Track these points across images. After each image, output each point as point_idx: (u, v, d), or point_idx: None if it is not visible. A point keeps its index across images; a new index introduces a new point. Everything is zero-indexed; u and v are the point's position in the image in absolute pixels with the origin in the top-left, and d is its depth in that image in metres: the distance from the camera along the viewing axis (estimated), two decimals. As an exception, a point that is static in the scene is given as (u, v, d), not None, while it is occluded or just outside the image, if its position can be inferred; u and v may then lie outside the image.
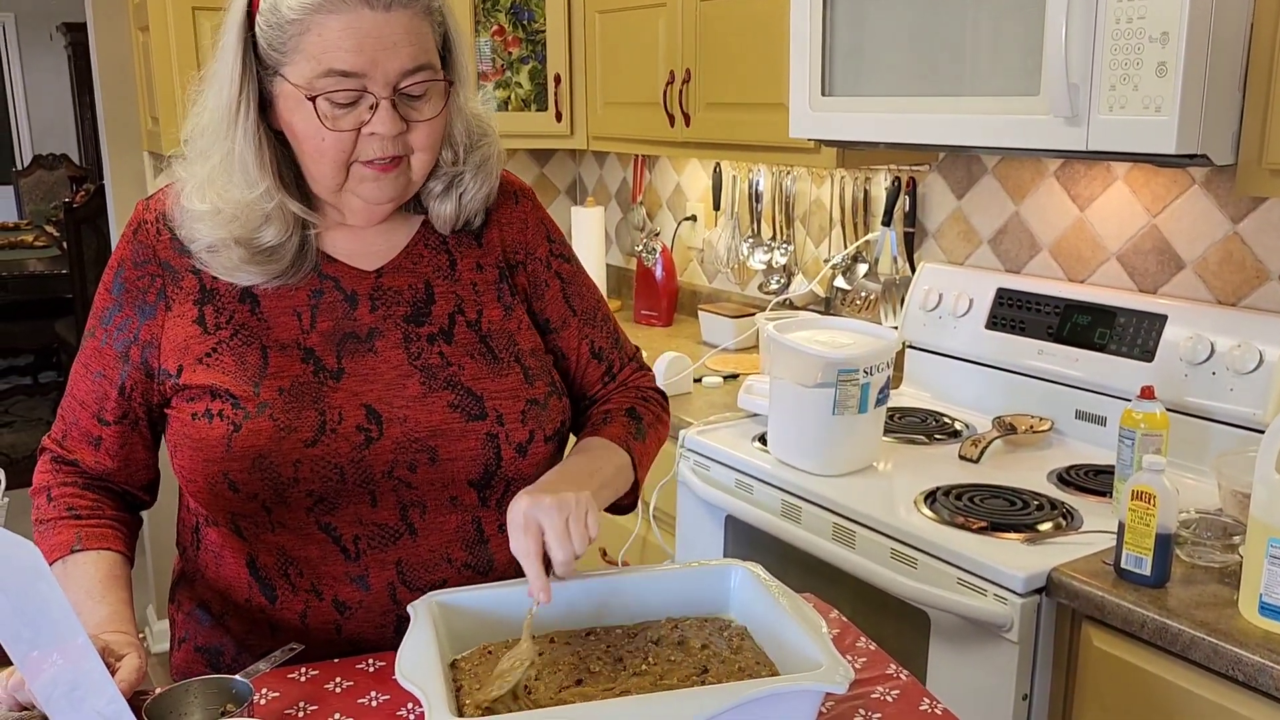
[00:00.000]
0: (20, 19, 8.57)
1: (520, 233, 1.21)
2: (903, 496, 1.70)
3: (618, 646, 1.04)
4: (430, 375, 1.10)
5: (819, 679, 0.89)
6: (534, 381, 1.14)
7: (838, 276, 2.45)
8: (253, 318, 1.09)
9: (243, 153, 1.05)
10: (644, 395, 1.27)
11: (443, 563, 1.12)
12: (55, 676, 0.89)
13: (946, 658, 1.55)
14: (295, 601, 1.12)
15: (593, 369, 1.25)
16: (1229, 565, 1.41)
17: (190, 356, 1.09)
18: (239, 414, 1.06)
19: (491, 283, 1.17)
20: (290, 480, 1.05)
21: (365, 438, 1.07)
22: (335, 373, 1.09)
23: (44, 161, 7.89)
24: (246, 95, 1.04)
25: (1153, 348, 1.80)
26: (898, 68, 1.78)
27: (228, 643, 1.17)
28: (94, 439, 1.14)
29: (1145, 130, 1.44)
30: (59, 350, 5.67)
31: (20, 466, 4.88)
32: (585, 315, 1.24)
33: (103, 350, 1.12)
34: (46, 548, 1.09)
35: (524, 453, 1.12)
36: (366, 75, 1.00)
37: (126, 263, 1.12)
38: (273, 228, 1.06)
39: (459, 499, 1.12)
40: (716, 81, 2.31)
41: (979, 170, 2.18)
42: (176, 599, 1.24)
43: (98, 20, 2.89)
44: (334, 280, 1.12)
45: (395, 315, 1.12)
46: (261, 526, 1.10)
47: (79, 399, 1.15)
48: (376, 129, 1.02)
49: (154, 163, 2.91)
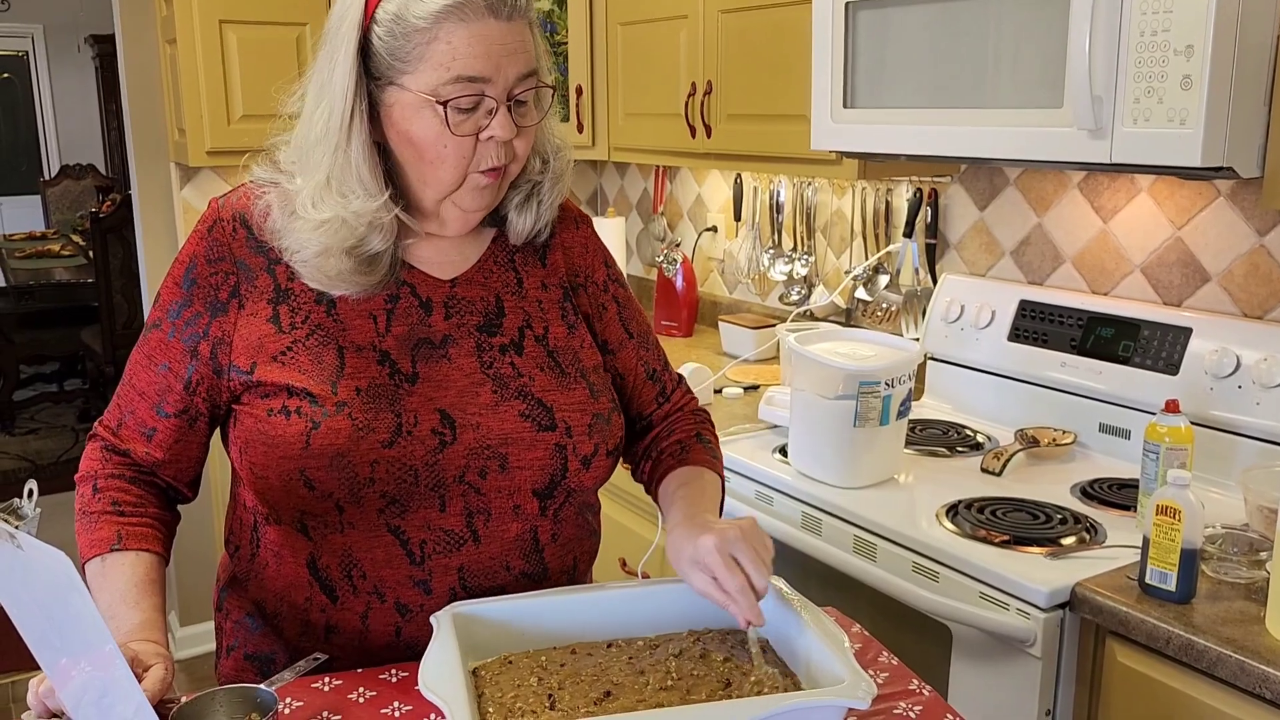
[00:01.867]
0: (49, 31, 8.69)
1: (581, 257, 1.25)
2: (924, 509, 1.69)
3: (639, 658, 1.04)
4: (502, 384, 1.13)
5: (842, 694, 0.89)
6: (598, 397, 1.17)
7: (859, 288, 2.45)
8: (329, 319, 1.11)
9: (358, 165, 1.07)
10: (700, 419, 1.32)
11: (502, 570, 1.14)
12: (84, 683, 0.90)
13: (969, 673, 1.54)
14: (357, 603, 1.13)
15: (647, 390, 1.29)
16: (1255, 581, 1.40)
17: (264, 354, 1.10)
18: (317, 411, 1.07)
19: (555, 301, 1.20)
20: (366, 480, 1.07)
21: (439, 441, 1.09)
22: (410, 377, 1.11)
23: (71, 171, 7.98)
24: (359, 108, 1.06)
25: (1177, 361, 1.79)
26: (920, 79, 1.78)
27: (279, 649, 1.18)
28: (148, 430, 1.15)
29: (1170, 143, 1.44)
30: (85, 358, 5.72)
31: (47, 473, 4.92)
32: (640, 338, 1.28)
33: (169, 343, 1.13)
34: (87, 541, 1.10)
35: (588, 465, 1.15)
36: (490, 80, 1.04)
37: (199, 259, 1.13)
38: (379, 236, 1.08)
39: (521, 508, 1.14)
40: (738, 93, 2.32)
41: (1001, 182, 2.18)
42: (224, 607, 1.24)
43: (125, 32, 2.93)
44: (410, 286, 1.14)
45: (469, 324, 1.15)
46: (331, 527, 1.10)
47: (138, 389, 1.15)
48: (495, 133, 1.05)
49: (180, 173, 2.94)
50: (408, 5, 1.03)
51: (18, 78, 8.81)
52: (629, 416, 1.28)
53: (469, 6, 1.02)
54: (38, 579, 0.86)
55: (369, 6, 1.05)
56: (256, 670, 1.19)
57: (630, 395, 1.28)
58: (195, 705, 0.96)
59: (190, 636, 3.16)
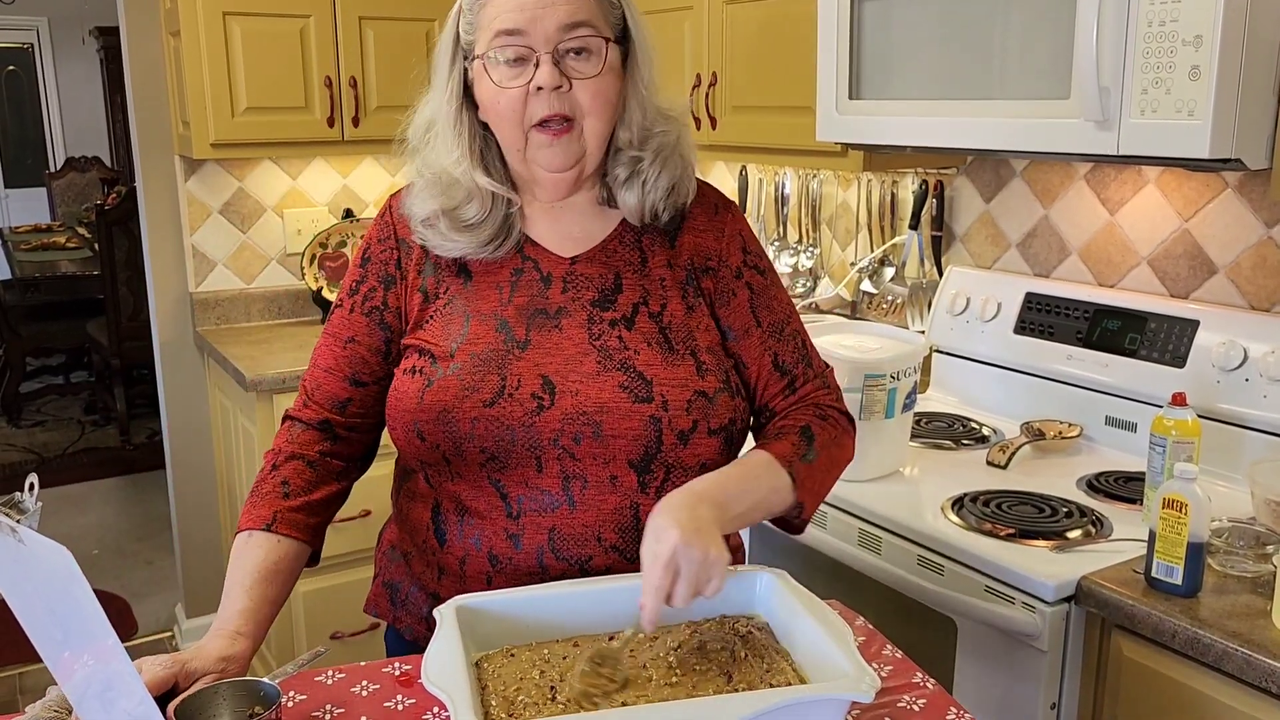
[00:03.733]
0: (54, 23, 8.69)
1: (715, 241, 1.26)
2: (930, 502, 1.68)
3: (641, 652, 1.04)
4: (606, 356, 1.17)
5: (845, 688, 0.89)
6: (705, 375, 1.18)
7: (864, 280, 2.44)
8: (465, 289, 1.21)
9: (444, 125, 1.20)
10: (823, 413, 1.24)
11: (593, 540, 1.16)
12: (88, 677, 0.90)
13: (974, 666, 1.54)
14: (459, 548, 1.19)
15: (774, 381, 1.25)
16: (1262, 575, 1.40)
17: (413, 321, 1.22)
18: (434, 371, 1.17)
19: (679, 281, 1.23)
20: (467, 436, 1.14)
21: (538, 405, 1.14)
22: (522, 343, 1.17)
23: (76, 164, 7.98)
24: (454, 78, 1.19)
25: (1184, 353, 1.78)
26: (926, 71, 1.77)
27: (404, 579, 1.28)
28: (341, 402, 1.24)
29: (1177, 134, 1.43)
30: (90, 351, 5.73)
31: (52, 465, 4.94)
32: (772, 328, 1.25)
33: (351, 318, 1.25)
34: (248, 514, 1.19)
35: (685, 441, 1.15)
36: (527, 33, 1.12)
37: (373, 240, 1.27)
38: (474, 205, 1.19)
39: (619, 479, 1.15)
40: (743, 84, 2.31)
41: (1007, 173, 2.17)
42: (381, 541, 1.36)
43: (130, 25, 2.92)
44: (534, 261, 1.22)
45: (584, 298, 1.20)
46: (443, 475, 1.19)
47: (324, 367, 1.25)
48: (539, 81, 1.12)
49: (184, 165, 2.94)
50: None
51: (23, 70, 8.81)
52: (755, 407, 1.27)
53: None
54: (39, 573, 0.86)
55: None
56: (389, 596, 1.31)
57: (755, 385, 1.25)
58: (198, 699, 0.96)
59: (197, 629, 3.17)
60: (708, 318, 1.23)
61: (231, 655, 1.05)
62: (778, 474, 1.15)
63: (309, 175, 3.08)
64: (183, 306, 3.04)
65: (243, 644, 1.07)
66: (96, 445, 5.21)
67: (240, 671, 1.05)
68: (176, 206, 2.98)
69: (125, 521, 4.34)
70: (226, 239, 3.01)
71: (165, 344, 3.06)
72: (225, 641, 1.07)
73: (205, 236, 2.99)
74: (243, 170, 3.00)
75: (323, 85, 2.72)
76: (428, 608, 1.23)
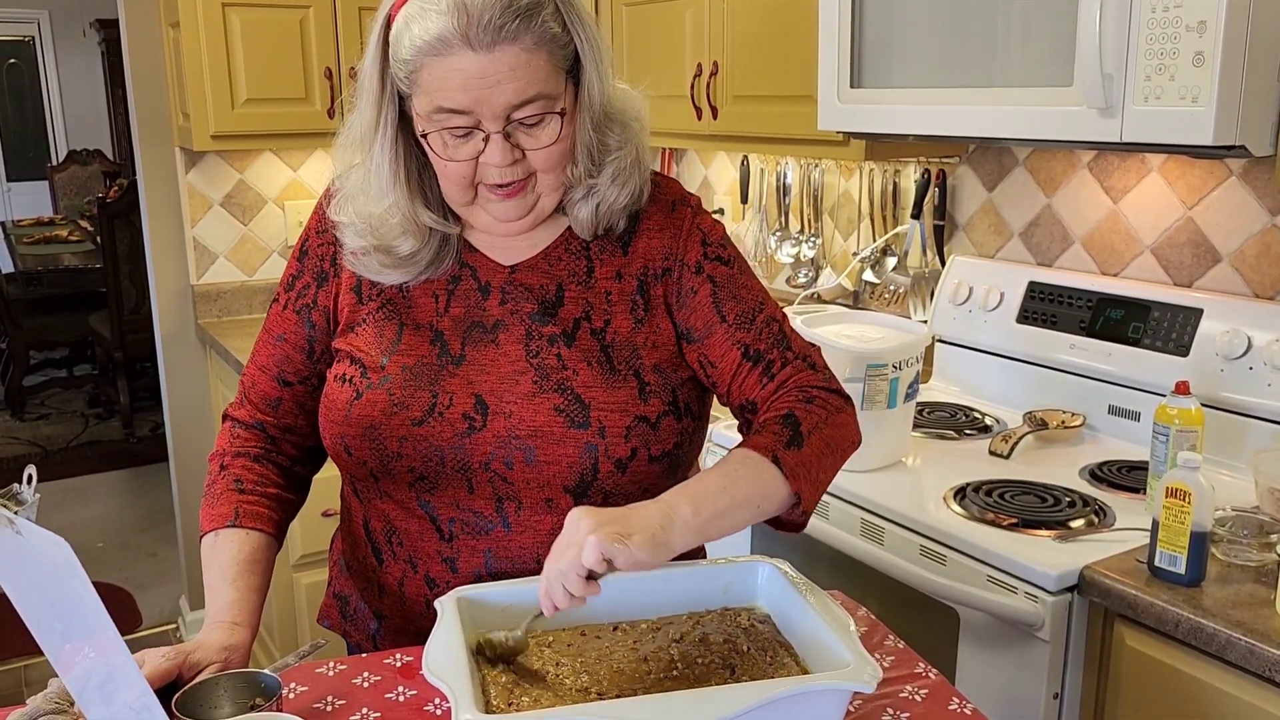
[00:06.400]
0: (54, 16, 8.68)
1: (672, 240, 1.16)
2: (932, 492, 1.68)
3: (643, 643, 1.03)
4: (543, 375, 1.11)
5: (847, 678, 0.89)
6: (648, 398, 1.11)
7: (866, 270, 2.44)
8: (399, 295, 1.15)
9: (379, 166, 1.10)
10: (807, 396, 1.12)
11: (531, 561, 1.12)
12: (89, 669, 0.90)
13: (976, 656, 1.53)
14: (395, 569, 1.17)
15: (747, 372, 1.15)
16: (1266, 564, 1.39)
17: (345, 322, 1.17)
18: (364, 382, 1.12)
19: (628, 294, 1.14)
20: (395, 455, 1.10)
21: (469, 426, 1.10)
22: (457, 358, 1.13)
23: (78, 157, 7.98)
24: (385, 115, 1.08)
25: (1188, 342, 1.77)
26: (928, 58, 1.76)
27: (352, 592, 1.25)
28: (273, 401, 1.21)
29: (1181, 121, 1.42)
30: (93, 343, 5.74)
31: (56, 458, 4.94)
32: (739, 319, 1.15)
33: (284, 315, 1.20)
34: (207, 516, 1.16)
35: (624, 469, 1.10)
36: (474, 112, 1.02)
37: (312, 232, 1.21)
38: (409, 240, 1.12)
39: (554, 502, 1.11)
40: (744, 74, 2.30)
41: (1010, 162, 2.16)
42: (332, 547, 1.33)
43: (129, 17, 2.92)
44: (472, 269, 1.16)
45: (522, 311, 1.14)
46: (372, 493, 1.16)
47: (259, 364, 1.22)
48: (489, 160, 1.05)
49: (185, 158, 2.93)
50: (400, 34, 1.03)
51: (24, 63, 8.80)
52: (733, 405, 1.18)
53: (445, 41, 1.00)
54: (38, 564, 0.86)
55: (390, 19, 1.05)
56: (339, 608, 1.27)
57: (730, 382, 1.16)
58: (200, 690, 0.96)
59: (201, 621, 3.18)
60: (660, 330, 1.14)
61: (233, 645, 1.05)
62: (760, 466, 1.04)
63: (310, 167, 3.07)
64: (184, 299, 3.04)
65: (241, 633, 1.07)
66: (100, 438, 5.22)
67: (243, 660, 1.05)
68: (177, 199, 2.98)
69: (129, 514, 4.34)
70: (227, 231, 3.01)
71: (167, 336, 3.06)
72: (225, 632, 1.06)
73: (206, 229, 2.99)
74: (243, 162, 2.99)
75: (323, 76, 2.71)
76: (374, 626, 1.21)
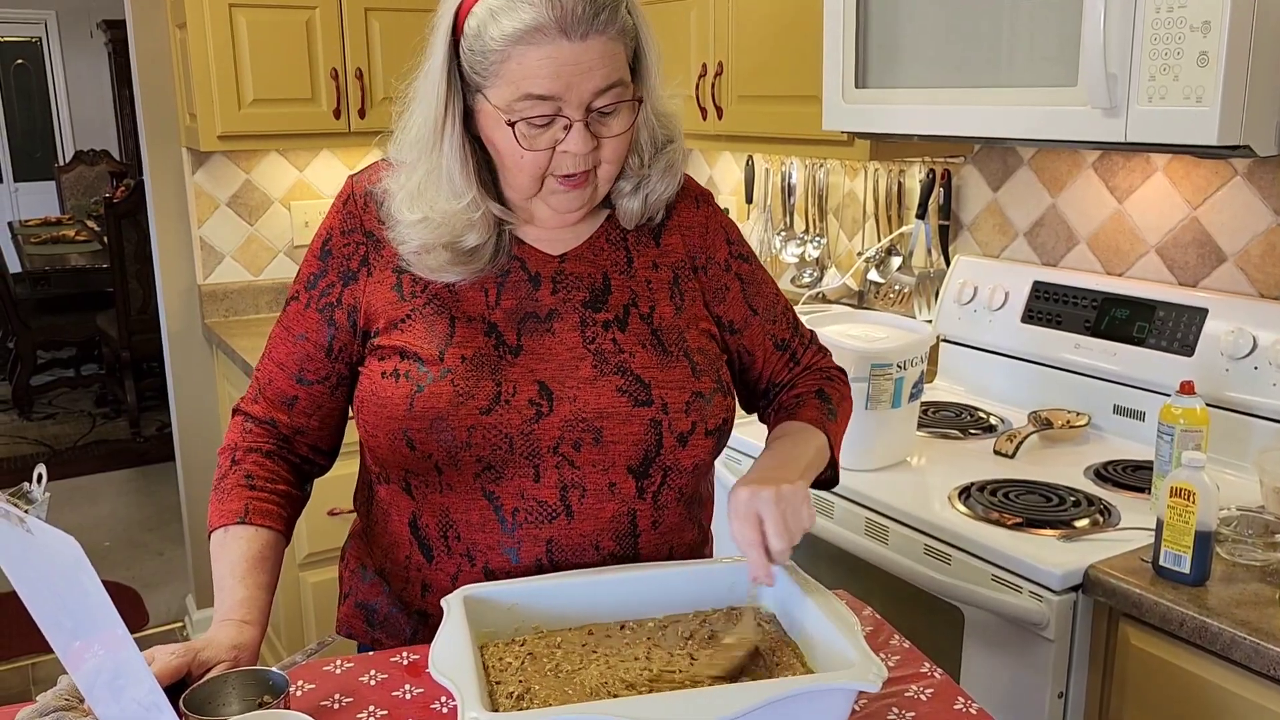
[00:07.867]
0: (61, 17, 8.71)
1: (701, 237, 1.24)
2: (937, 492, 1.68)
3: (651, 640, 1.04)
4: (602, 359, 1.14)
5: (852, 677, 0.89)
6: (700, 376, 1.17)
7: (871, 270, 2.44)
8: (445, 290, 1.15)
9: (449, 166, 1.11)
10: (828, 375, 1.32)
11: (590, 549, 1.15)
12: (98, 666, 0.90)
13: (981, 655, 1.54)
14: (449, 564, 1.17)
15: (777, 359, 1.30)
16: (1270, 563, 1.39)
17: (386, 320, 1.16)
18: (423, 376, 1.12)
19: (666, 282, 1.20)
20: (463, 444, 1.11)
21: (536, 411, 1.11)
22: (514, 349, 1.14)
23: (85, 157, 8.01)
24: (452, 113, 1.09)
25: (1193, 342, 1.77)
26: (932, 59, 1.76)
27: (382, 600, 1.24)
28: (289, 399, 1.21)
29: (1186, 121, 1.42)
30: (100, 343, 5.75)
31: (63, 457, 4.96)
32: (766, 312, 1.28)
33: (305, 314, 1.19)
34: (217, 511, 1.16)
35: (684, 442, 1.15)
36: (561, 99, 1.05)
37: (335, 231, 1.19)
38: (475, 232, 1.13)
39: (617, 486, 1.14)
40: (749, 74, 2.30)
41: (1015, 162, 2.16)
42: (345, 556, 1.32)
43: (136, 17, 2.93)
44: (521, 261, 1.17)
45: (574, 300, 1.17)
46: (431, 487, 1.15)
47: (276, 361, 1.21)
48: (570, 148, 1.07)
49: (191, 158, 2.94)
50: (485, 25, 1.04)
51: (31, 64, 8.83)
52: (762, 387, 1.31)
53: (541, 30, 1.02)
54: (48, 563, 0.87)
55: (459, 17, 1.07)
56: (363, 618, 1.26)
57: (761, 369, 1.30)
58: (208, 688, 0.96)
59: (208, 619, 3.19)
60: (699, 316, 1.21)
61: (242, 643, 1.06)
62: (817, 435, 1.22)
63: (316, 167, 3.08)
64: (191, 299, 3.05)
65: (250, 631, 1.08)
66: (107, 437, 5.23)
67: (252, 658, 1.05)
68: (184, 199, 2.99)
69: (136, 513, 4.36)
70: (234, 231, 3.02)
71: (174, 336, 3.07)
72: (234, 629, 1.07)
73: (213, 229, 3.00)
74: (250, 162, 3.00)
75: (329, 77, 2.72)
76: (411, 628, 1.22)
